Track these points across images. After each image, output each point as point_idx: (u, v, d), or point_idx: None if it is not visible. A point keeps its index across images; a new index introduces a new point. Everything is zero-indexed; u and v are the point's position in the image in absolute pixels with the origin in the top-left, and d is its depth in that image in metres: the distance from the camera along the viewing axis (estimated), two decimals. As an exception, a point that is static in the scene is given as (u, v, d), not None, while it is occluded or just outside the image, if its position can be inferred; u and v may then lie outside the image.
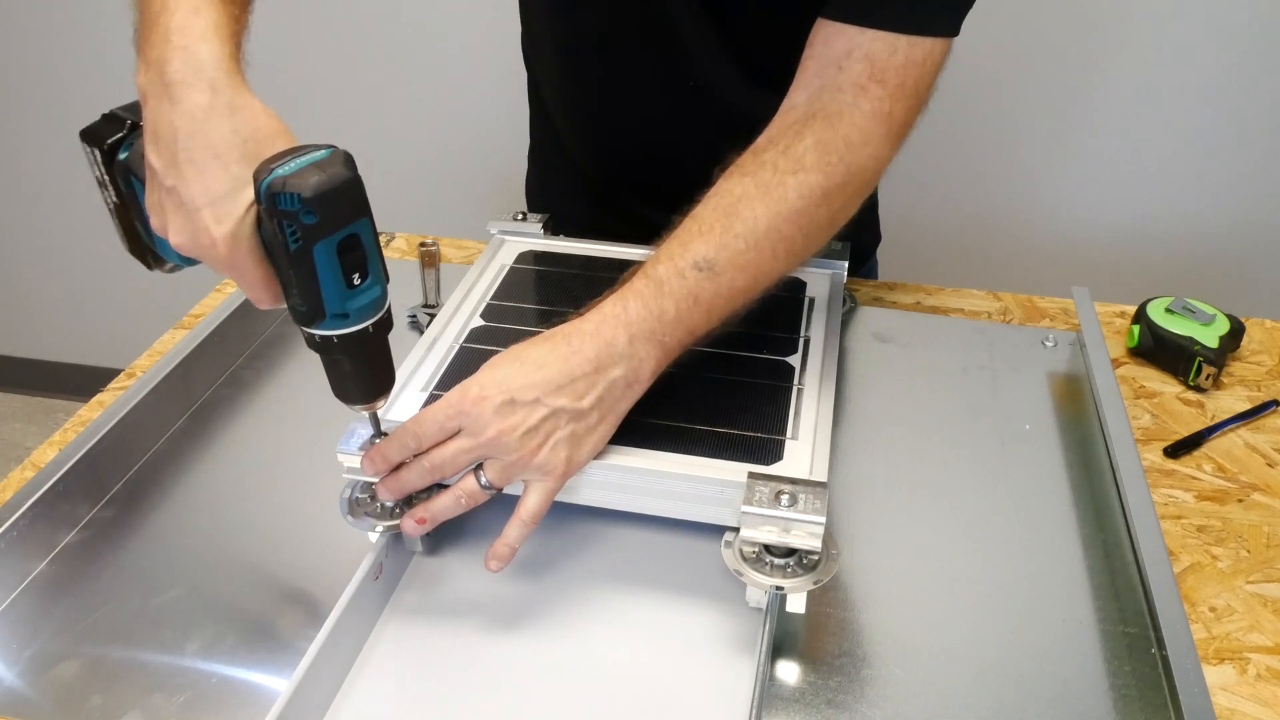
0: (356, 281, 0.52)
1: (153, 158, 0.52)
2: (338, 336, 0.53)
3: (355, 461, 0.60)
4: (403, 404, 0.65)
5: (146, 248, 0.62)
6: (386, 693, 0.56)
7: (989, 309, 0.91)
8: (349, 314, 0.52)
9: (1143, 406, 0.80)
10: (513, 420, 0.56)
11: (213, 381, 0.81)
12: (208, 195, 0.50)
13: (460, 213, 1.74)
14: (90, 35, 1.73)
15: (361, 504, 0.62)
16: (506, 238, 0.86)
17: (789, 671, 0.58)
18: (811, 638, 0.59)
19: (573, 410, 0.58)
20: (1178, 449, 0.75)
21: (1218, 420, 0.78)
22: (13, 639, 0.59)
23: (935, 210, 1.63)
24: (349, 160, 0.50)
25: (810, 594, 0.57)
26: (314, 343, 0.54)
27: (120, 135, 0.58)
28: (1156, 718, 0.55)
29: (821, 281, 0.80)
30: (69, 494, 0.66)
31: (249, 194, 0.50)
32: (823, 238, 0.67)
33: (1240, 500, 0.71)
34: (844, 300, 0.82)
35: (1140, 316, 0.85)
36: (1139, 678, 0.57)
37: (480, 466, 0.59)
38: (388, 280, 0.54)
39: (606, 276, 0.81)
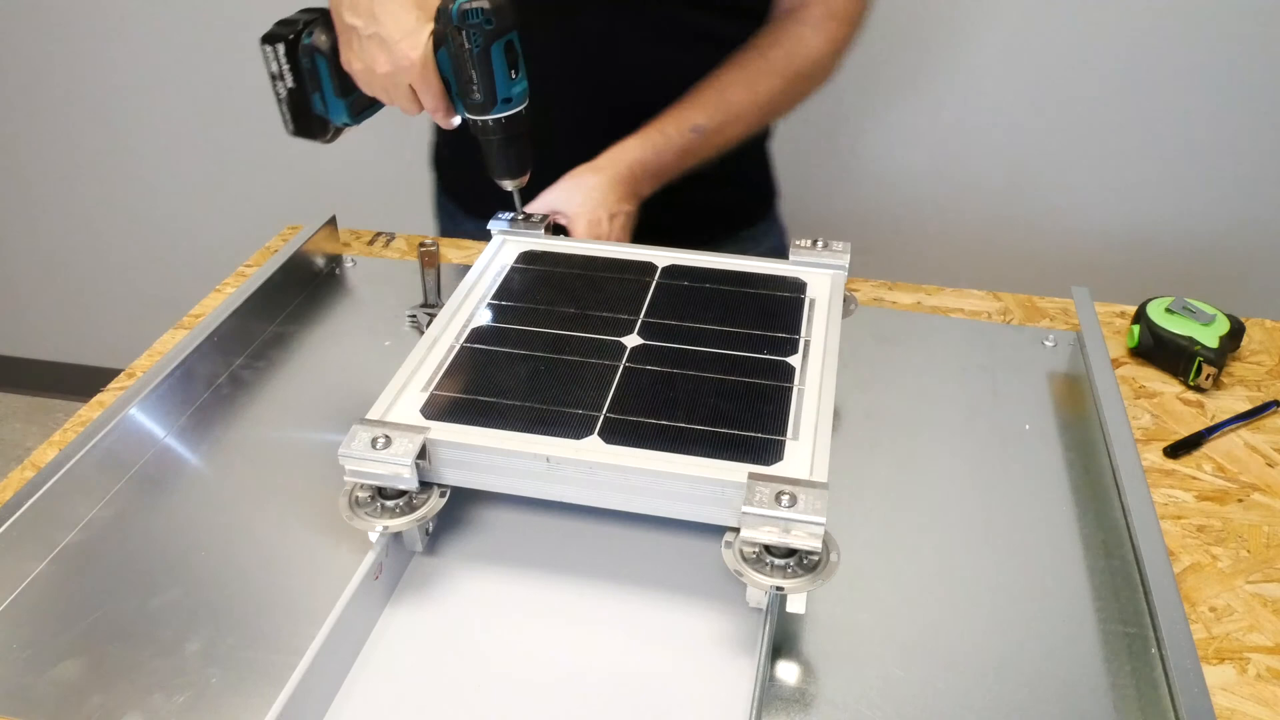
0: (514, 75, 0.73)
1: (352, 19, 0.73)
2: (505, 118, 0.75)
3: (355, 463, 0.60)
4: (403, 404, 0.65)
5: (315, 120, 0.81)
6: (386, 693, 0.56)
7: (989, 309, 0.91)
8: (511, 98, 0.74)
9: (1143, 406, 0.80)
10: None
11: (213, 381, 0.81)
12: (402, 31, 0.72)
13: (460, 213, 1.74)
14: (91, 36, 1.73)
15: (362, 504, 0.62)
16: (507, 238, 0.86)
17: (789, 671, 0.58)
18: (811, 638, 0.59)
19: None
20: (1178, 449, 0.75)
21: (1218, 420, 0.78)
22: (13, 639, 0.59)
23: (936, 210, 1.63)
24: None
25: (810, 594, 0.57)
26: (486, 129, 0.76)
27: (299, 28, 0.77)
28: (1156, 718, 0.55)
29: (822, 281, 0.80)
30: (69, 494, 0.66)
31: (429, 27, 0.72)
32: (780, 116, 0.98)
33: (1240, 500, 0.71)
34: (844, 300, 0.82)
35: (1140, 316, 0.85)
36: (1139, 678, 0.57)
37: None
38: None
39: (607, 276, 0.81)
